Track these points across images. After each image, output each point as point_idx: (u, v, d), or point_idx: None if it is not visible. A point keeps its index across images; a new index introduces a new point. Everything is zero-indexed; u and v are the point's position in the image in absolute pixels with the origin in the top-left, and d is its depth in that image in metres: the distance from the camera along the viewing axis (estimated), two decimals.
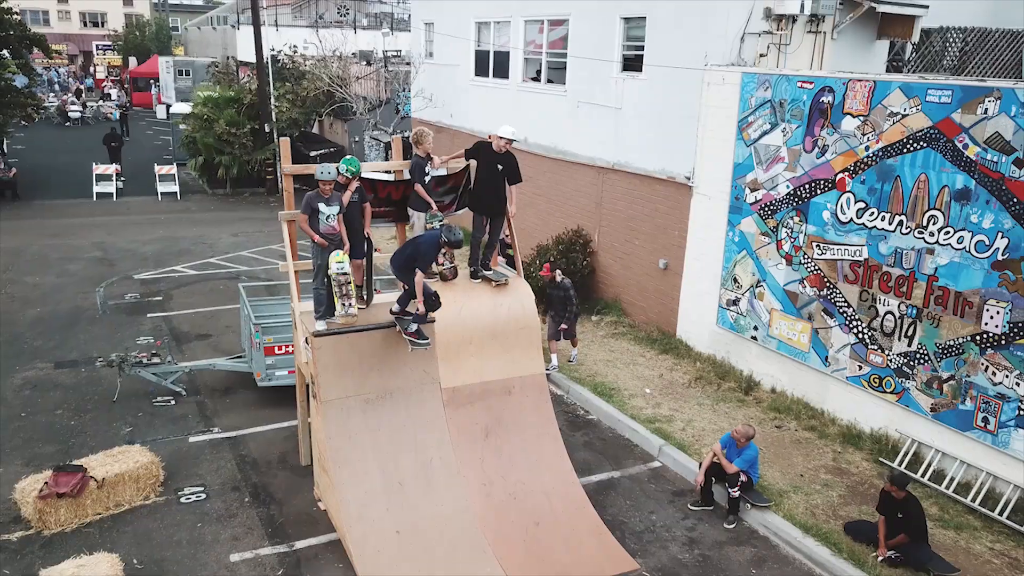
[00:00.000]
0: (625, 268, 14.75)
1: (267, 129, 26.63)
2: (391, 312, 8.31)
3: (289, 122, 27.01)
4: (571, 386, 11.82)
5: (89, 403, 11.01)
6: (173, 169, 26.60)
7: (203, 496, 8.83)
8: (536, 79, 17.19)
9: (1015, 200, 8.38)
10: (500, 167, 8.97)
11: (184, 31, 63.85)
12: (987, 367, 8.78)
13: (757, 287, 11.66)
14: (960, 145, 8.83)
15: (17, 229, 21.05)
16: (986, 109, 8.56)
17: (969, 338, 8.94)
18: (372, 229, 8.78)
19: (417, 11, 22.91)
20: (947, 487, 9.05)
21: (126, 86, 56.17)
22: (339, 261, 8.07)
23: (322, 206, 8.23)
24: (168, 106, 46.94)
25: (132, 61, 57.81)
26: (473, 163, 9.16)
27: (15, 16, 24.77)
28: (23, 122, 26.38)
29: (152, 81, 52.00)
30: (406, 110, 24.89)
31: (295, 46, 28.94)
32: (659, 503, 9.00)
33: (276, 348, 10.69)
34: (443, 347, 8.70)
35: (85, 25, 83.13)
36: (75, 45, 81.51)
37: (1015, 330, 8.50)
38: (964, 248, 8.90)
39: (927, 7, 12.88)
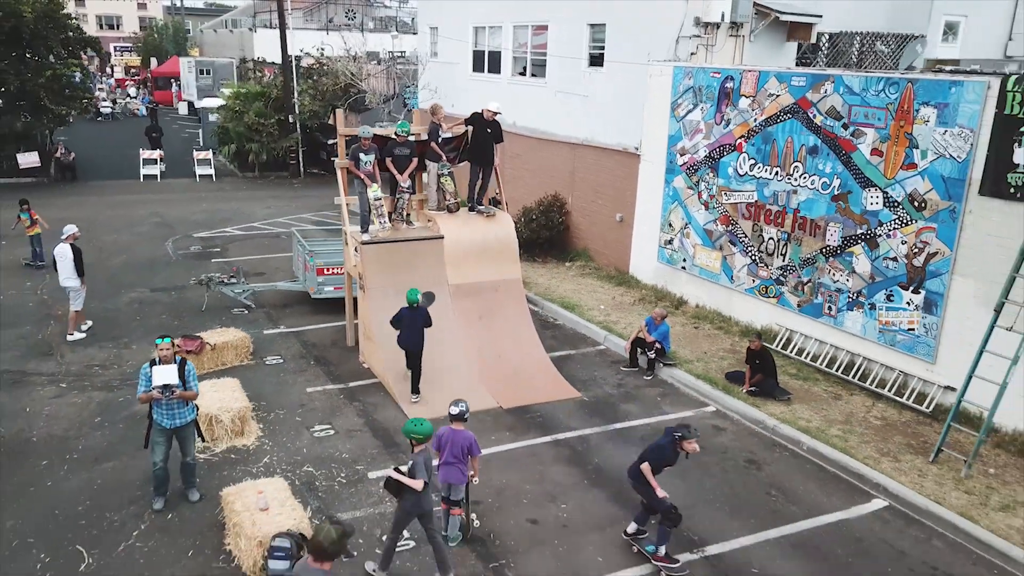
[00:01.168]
0: (592, 223, 18.52)
1: (291, 120, 30.41)
2: (625, 534, 7.98)
3: (310, 114, 30.75)
4: (544, 303, 15.58)
5: (184, 312, 14.75)
6: (209, 155, 30.37)
7: (281, 361, 12.59)
8: (523, 74, 20.96)
9: (843, 152, 12.14)
10: (489, 131, 12.74)
11: (200, 33, 67.51)
12: (830, 271, 12.56)
13: (685, 229, 15.43)
14: (811, 115, 12.60)
15: (83, 203, 24.77)
16: (826, 89, 12.33)
17: (819, 251, 12.71)
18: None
19: (423, 17, 26.63)
20: (805, 357, 12.82)
21: (147, 85, 59.97)
22: (374, 191, 11.86)
23: (362, 155, 12.04)
24: (190, 103, 50.75)
25: (153, 62, 61.43)
26: (470, 128, 12.93)
27: (75, 21, 28.53)
28: (80, 114, 29.99)
29: (173, 80, 55.73)
30: (413, 104, 28.68)
31: (321, 48, 32.58)
32: (600, 367, 12.78)
33: (324, 270, 14.45)
34: (450, 257, 12.47)
35: (101, 28, 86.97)
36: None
37: (845, 242, 12.27)
38: (815, 188, 12.67)
39: (820, 16, 16.65)
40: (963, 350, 10.38)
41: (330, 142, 31.93)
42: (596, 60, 18.05)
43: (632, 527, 8.01)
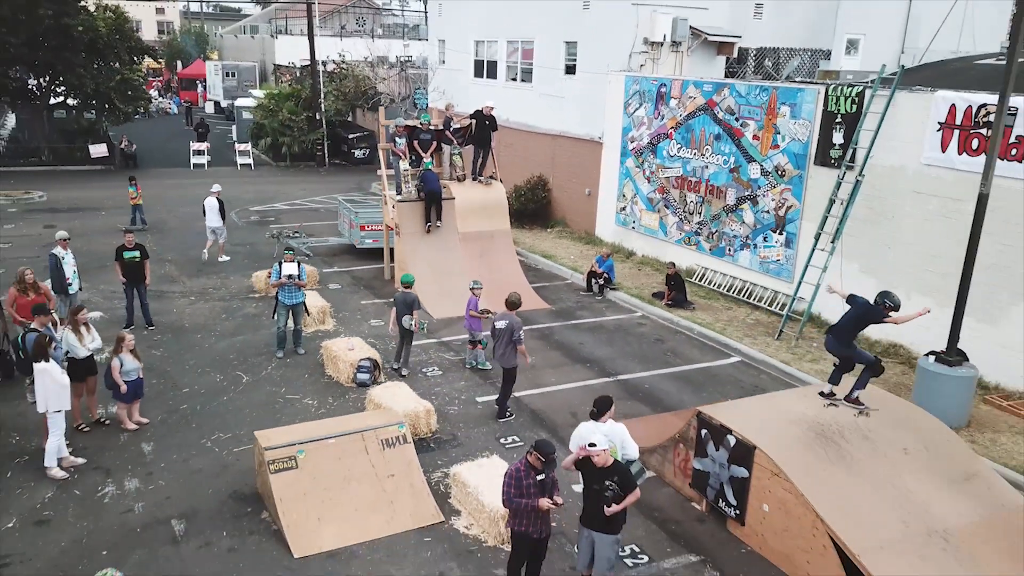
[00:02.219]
0: (568, 198, 23.63)
1: (317, 117, 35.51)
2: (821, 394, 9.68)
3: (334, 112, 35.87)
4: (529, 255, 20.69)
5: (260, 258, 19.82)
6: (248, 147, 35.49)
7: (340, 287, 17.72)
8: (514, 80, 26.05)
9: (736, 138, 17.25)
10: (487, 122, 17.85)
11: (219, 38, 72.45)
12: (729, 223, 17.67)
13: (634, 198, 20.54)
14: (716, 112, 17.71)
15: (149, 185, 29.59)
16: (724, 93, 17.44)
17: (722, 209, 17.84)
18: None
19: (433, 30, 31.70)
20: (713, 286, 17.94)
21: (173, 86, 65.04)
22: (404, 163, 17.01)
23: (396, 138, 17.16)
24: (216, 102, 55.80)
25: (177, 65, 66.43)
26: (474, 121, 18.05)
27: (135, 31, 33.64)
28: (139, 112, 35.07)
29: (198, 81, 60.77)
30: (422, 103, 33.71)
31: (342, 55, 37.67)
32: (565, 292, 17.91)
33: (365, 226, 19.55)
34: (459, 212, 17.57)
35: None
36: None
37: (738, 202, 17.39)
38: (719, 164, 17.78)
39: (740, 36, 21.74)
40: (837, 259, 15.48)
41: (351, 136, 37.18)
42: (570, 69, 23.15)
43: (827, 389, 9.72)
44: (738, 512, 8.93)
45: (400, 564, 8.39)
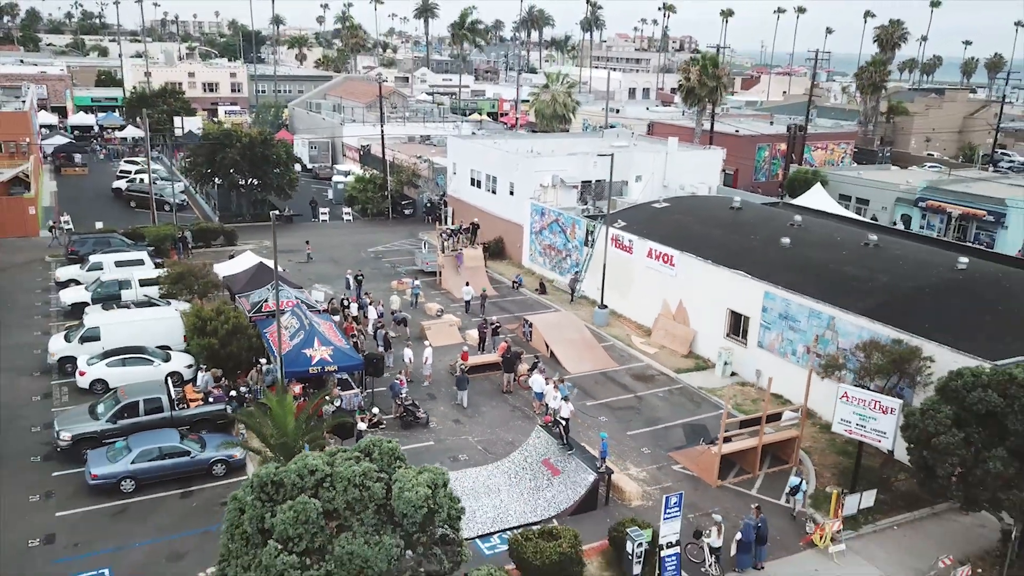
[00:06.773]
0: (512, 247, 54.50)
1: (386, 194, 66.21)
2: None
3: (395, 191, 66.62)
4: (493, 272, 51.46)
5: (386, 274, 50.52)
6: (349, 209, 66.18)
7: (421, 287, 48.49)
8: (488, 191, 56.73)
9: (565, 233, 48.08)
10: (476, 226, 48.76)
11: (291, 109, 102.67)
12: (563, 263, 48.54)
13: (535, 250, 51.44)
14: (559, 222, 48.56)
15: (305, 234, 60.28)
16: (558, 216, 48.28)
17: (561, 258, 48.73)
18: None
19: (450, 155, 62.42)
20: (558, 287, 48.82)
21: None
22: (446, 244, 48.02)
23: (443, 233, 48.28)
24: (303, 164, 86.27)
25: None
26: (471, 224, 48.90)
27: (298, 157, 64.19)
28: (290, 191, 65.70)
29: None
30: (442, 183, 64.57)
31: (394, 154, 68.53)
32: (505, 288, 48.80)
33: (427, 262, 50.39)
34: (465, 260, 48.43)
35: (205, 91, 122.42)
36: (199, 105, 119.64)
37: (565, 256, 48.26)
38: (560, 242, 48.62)
39: (581, 181, 52.52)
40: (589, 277, 46.19)
41: (402, 201, 67.94)
42: (511, 192, 53.90)
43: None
44: (530, 339, 39.84)
45: (453, 347, 39.16)
